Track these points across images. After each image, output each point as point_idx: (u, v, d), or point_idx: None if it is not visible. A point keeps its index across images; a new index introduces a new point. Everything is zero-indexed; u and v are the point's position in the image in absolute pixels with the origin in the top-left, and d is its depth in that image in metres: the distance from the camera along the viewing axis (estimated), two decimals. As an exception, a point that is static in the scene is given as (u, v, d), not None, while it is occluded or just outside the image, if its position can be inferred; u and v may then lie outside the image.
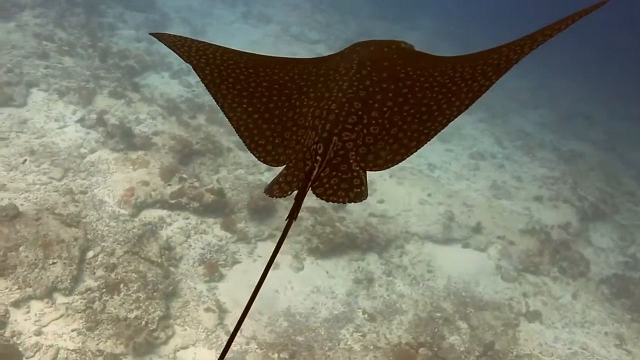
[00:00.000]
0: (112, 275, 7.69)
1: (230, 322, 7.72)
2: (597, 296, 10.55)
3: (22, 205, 8.23)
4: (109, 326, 7.02)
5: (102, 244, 8.16)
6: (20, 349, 6.71)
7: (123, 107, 11.53)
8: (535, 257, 10.96)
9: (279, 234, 9.27)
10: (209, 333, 7.47)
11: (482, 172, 14.14)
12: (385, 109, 2.45)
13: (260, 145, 2.54)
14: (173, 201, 9.28)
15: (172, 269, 8.22)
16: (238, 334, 7.36)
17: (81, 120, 10.75)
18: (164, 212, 9.18)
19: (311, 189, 2.25)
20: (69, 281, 7.45)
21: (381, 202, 11.40)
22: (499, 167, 14.66)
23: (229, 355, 7.18)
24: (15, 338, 6.81)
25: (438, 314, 9.06)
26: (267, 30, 20.60)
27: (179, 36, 3.05)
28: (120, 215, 8.77)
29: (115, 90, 11.95)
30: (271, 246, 9.10)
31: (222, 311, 7.85)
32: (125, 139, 10.17)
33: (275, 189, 2.35)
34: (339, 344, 8.01)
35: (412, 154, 2.33)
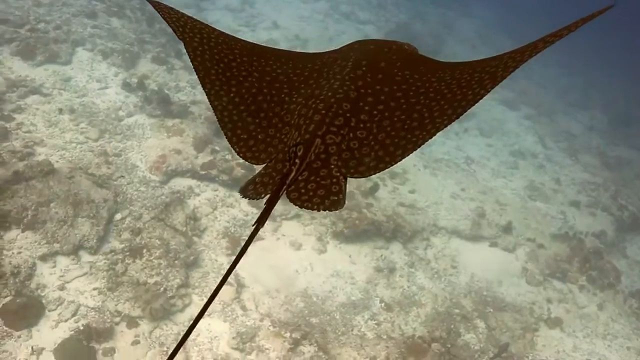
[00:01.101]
0: (137, 239, 7.89)
1: (247, 298, 7.86)
2: (624, 310, 10.29)
3: (57, 162, 8.48)
4: (128, 289, 7.23)
5: (130, 207, 8.36)
6: (44, 301, 6.99)
7: (164, 74, 11.69)
8: (564, 264, 10.74)
9: (305, 214, 9.36)
10: (225, 306, 7.61)
11: (520, 171, 13.85)
12: (375, 112, 2.34)
13: (242, 140, 2.43)
14: (203, 172, 9.42)
15: (195, 239, 8.38)
16: (253, 308, 7.50)
17: (122, 83, 10.95)
18: (193, 182, 9.33)
19: (285, 193, 2.14)
20: (95, 241, 7.68)
21: (412, 192, 11.31)
22: (539, 168, 14.33)
23: (241, 329, 7.33)
24: (39, 290, 7.09)
25: (456, 311, 9.00)
26: (316, 6, 20.43)
27: (176, 10, 2.91)
28: (151, 181, 8.96)
29: (159, 55, 12.11)
30: (296, 226, 9.22)
31: (240, 285, 7.98)
32: (162, 105, 10.33)
33: (250, 190, 2.25)
34: (352, 330, 8.06)
35: (396, 163, 2.21)
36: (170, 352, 6.59)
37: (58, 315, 6.88)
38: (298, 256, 8.92)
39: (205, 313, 6.28)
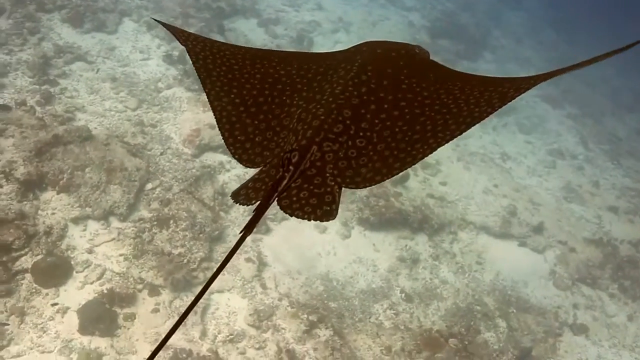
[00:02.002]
0: (165, 210, 8.04)
1: (268, 276, 7.93)
2: (655, 323, 9.98)
3: (95, 128, 8.68)
4: (153, 258, 7.39)
5: (162, 178, 8.51)
6: (72, 262, 7.21)
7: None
8: (595, 269, 10.45)
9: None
10: (245, 282, 7.71)
11: (557, 171, 13.48)
12: (377, 121, 2.24)
13: (239, 141, 2.36)
14: (235, 149, 9.47)
15: (222, 214, 8.48)
16: (273, 287, 7.58)
17: (164, 56, 11.10)
18: (224, 158, 9.42)
19: (277, 200, 2.07)
20: (125, 208, 7.86)
21: (443, 184, 11.16)
22: (578, 169, 13.92)
23: (259, 306, 7.42)
24: (69, 252, 7.31)
25: (478, 307, 8.89)
26: (363, -10, 20.19)
27: (183, 30, 2.92)
28: (183, 154, 9.08)
29: (202, 30, 12.19)
30: (322, 209, 9.20)
31: (261, 264, 8.06)
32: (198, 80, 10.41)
33: (242, 194, 2.19)
34: (370, 318, 8.06)
35: (392, 176, 2.12)
36: (189, 322, 6.73)
37: (84, 277, 7.10)
38: (322, 239, 8.95)
39: (226, 288, 6.41)
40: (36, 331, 6.48)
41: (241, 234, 1.93)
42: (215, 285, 7.36)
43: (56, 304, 6.75)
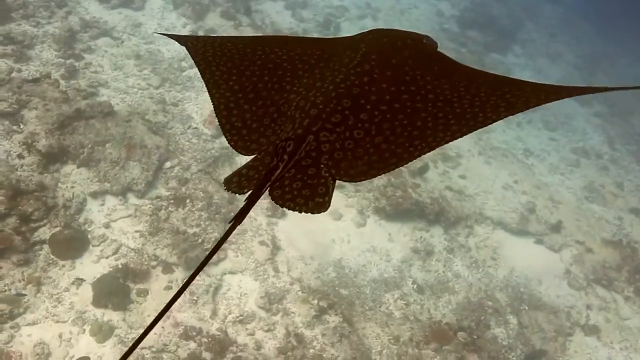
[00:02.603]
0: (183, 189, 8.12)
1: (280, 260, 7.99)
2: (670, 328, 9.87)
3: (117, 105, 8.77)
4: (168, 235, 7.49)
5: (180, 157, 8.59)
6: (89, 236, 7.35)
7: (230, 30, 11.78)
8: (611, 271, 10.33)
9: (349, 186, 9.36)
10: (258, 265, 7.78)
11: (580, 170, 13.30)
12: (377, 112, 2.17)
13: (235, 128, 2.31)
14: (255, 131, 9.51)
15: (238, 196, 8.52)
16: (285, 271, 7.63)
17: (189, 34, 11.12)
18: (244, 140, 9.45)
19: (268, 190, 2.03)
20: (143, 185, 7.96)
21: (462, 177, 11.08)
22: (602, 169, 13.70)
23: (271, 289, 7.49)
24: (86, 225, 7.44)
25: (489, 303, 8.87)
26: (394, -24, 19.96)
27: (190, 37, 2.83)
28: (203, 134, 9.15)
29: (228, 11, 12.18)
30: (339, 196, 9.24)
31: (275, 247, 8.11)
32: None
33: (234, 182, 2.14)
34: (380, 307, 8.09)
35: (388, 171, 2.07)
36: (200, 301, 6.83)
37: (100, 252, 7.23)
38: (337, 226, 8.97)
39: (239, 269, 6.42)
40: (51, 301, 6.64)
41: (231, 224, 1.87)
42: (228, 266, 7.49)
43: (82, 279, 6.89)
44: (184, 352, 6.50)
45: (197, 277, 7.15)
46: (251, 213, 7.45)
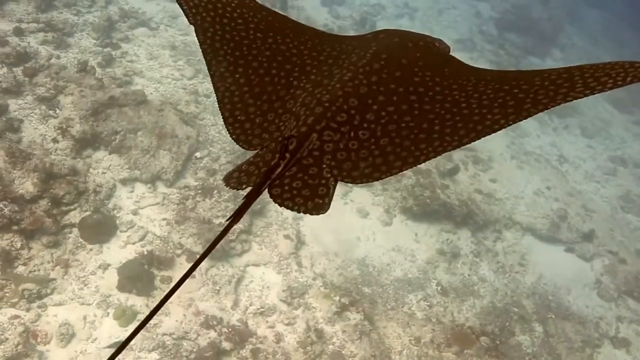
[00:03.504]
0: (211, 179, 8.17)
1: (304, 255, 7.98)
2: None
3: (150, 94, 8.88)
4: (193, 225, 7.55)
5: (210, 148, 8.65)
6: (117, 222, 7.46)
7: (266, 24, 11.81)
8: (644, 284, 10.05)
9: (378, 185, 9.29)
10: (281, 259, 7.78)
11: (617, 179, 12.95)
12: (383, 113, 2.11)
13: (238, 121, 2.24)
14: (285, 126, 9.53)
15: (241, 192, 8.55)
16: (308, 266, 7.61)
17: (224, 28, 11.21)
18: (273, 134, 9.48)
19: (267, 188, 1.98)
20: (172, 174, 8.04)
21: (493, 181, 10.91)
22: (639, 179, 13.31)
23: (293, 284, 7.49)
24: (115, 211, 7.56)
25: (515, 309, 8.70)
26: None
27: None
28: (233, 126, 9.18)
29: (263, 4, 12.19)
30: (366, 194, 9.20)
31: (299, 242, 8.11)
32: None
33: (233, 178, 2.09)
34: (402, 307, 8.01)
35: (391, 175, 2.00)
36: (222, 291, 6.87)
37: (127, 237, 7.33)
38: (362, 224, 8.92)
39: (262, 262, 6.42)
40: (78, 283, 6.76)
41: (228, 222, 1.83)
42: (251, 258, 7.52)
43: (108, 264, 7.01)
44: (204, 340, 6.55)
45: (220, 267, 7.24)
46: (277, 206, 7.44)
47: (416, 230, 9.28)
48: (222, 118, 2.28)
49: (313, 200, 1.96)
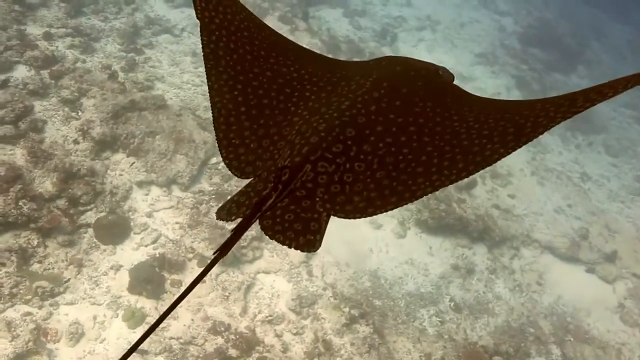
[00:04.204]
0: (225, 185, 8.21)
1: (316, 264, 7.93)
2: None
3: (170, 99, 8.99)
4: (206, 230, 7.57)
5: (227, 154, 8.68)
6: (132, 224, 7.53)
7: (286, 33, 11.87)
8: (669, 310, 9.72)
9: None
10: (292, 267, 7.75)
11: (643, 200, 12.62)
12: (381, 145, 2.03)
13: (232, 145, 2.16)
14: (303, 135, 9.54)
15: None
16: (319, 276, 7.57)
17: (247, 36, 11.30)
18: (291, 143, 9.49)
19: (258, 219, 1.90)
20: (187, 178, 8.10)
21: (512, 196, 10.73)
22: (666, 201, 12.95)
23: (303, 293, 7.44)
24: (130, 213, 7.63)
25: (531, 330, 8.51)
26: (457, -11, 19.67)
27: None
28: (251, 134, 9.23)
29: (285, 15, 12.31)
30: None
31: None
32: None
33: (224, 209, 2.02)
34: (413, 322, 7.91)
35: (387, 211, 1.92)
36: (231, 297, 6.86)
37: (140, 239, 7.39)
38: (376, 236, 8.84)
39: (273, 270, 6.38)
40: (90, 283, 6.82)
41: (215, 255, 1.76)
42: (262, 265, 7.51)
43: (120, 265, 7.07)
44: (211, 346, 6.54)
45: (231, 273, 7.24)
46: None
47: (430, 243, 9.17)
48: (216, 139, 2.21)
49: (305, 235, 1.89)
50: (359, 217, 1.93)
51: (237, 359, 6.56)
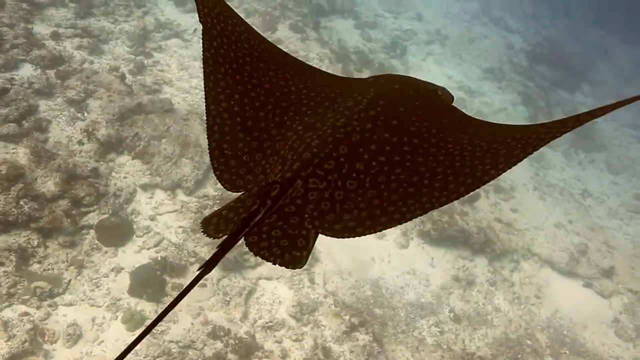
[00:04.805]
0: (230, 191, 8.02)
1: (318, 272, 7.76)
2: None
3: (178, 103, 8.83)
4: (209, 234, 7.39)
5: (232, 160, 8.53)
6: (135, 226, 7.35)
7: (297, 42, 11.77)
8: (665, 326, 9.54)
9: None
10: (294, 274, 7.57)
11: (642, 218, 12.45)
12: (374, 163, 1.95)
13: (225, 156, 2.08)
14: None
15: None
16: (321, 283, 7.38)
17: (255, 43, 11.18)
18: (295, 149, 9.34)
19: (244, 236, 1.82)
20: (192, 183, 7.93)
21: (514, 211, 10.57)
22: (665, 219, 12.78)
23: (304, 300, 7.27)
24: (133, 216, 7.46)
25: (528, 342, 8.34)
26: (467, 6, 19.53)
27: None
28: (256, 140, 9.08)
29: (297, 24, 12.19)
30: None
31: (314, 258, 7.90)
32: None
33: (211, 224, 1.94)
34: (413, 331, 7.72)
35: (375, 232, 1.83)
36: (232, 302, 6.68)
37: (143, 242, 7.22)
38: (378, 245, 8.67)
39: (274, 276, 6.21)
40: (90, 285, 6.64)
41: (199, 271, 1.70)
42: (264, 271, 7.33)
43: (121, 267, 6.89)
44: (210, 350, 6.35)
45: (232, 279, 7.06)
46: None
47: (432, 254, 8.99)
48: (209, 149, 2.11)
49: (291, 252, 1.80)
50: (347, 237, 1.84)
51: (235, 365, 6.39)
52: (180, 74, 9.68)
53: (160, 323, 5.63)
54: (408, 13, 17.18)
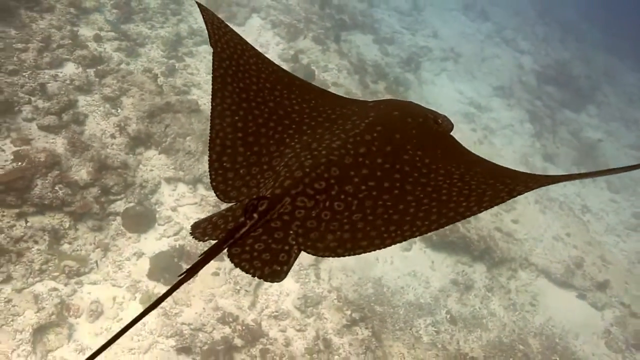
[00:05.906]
0: (246, 187, 8.17)
1: (323, 268, 7.84)
2: None
3: (204, 104, 8.99)
4: (224, 226, 7.53)
5: (250, 159, 8.67)
6: (157, 216, 7.52)
7: (318, 53, 11.90)
8: (654, 340, 9.42)
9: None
10: (301, 269, 7.67)
11: (638, 235, 12.30)
12: (363, 187, 1.92)
13: (223, 168, 2.08)
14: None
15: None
16: (326, 279, 7.45)
17: (280, 52, 11.32)
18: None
19: (228, 247, 1.81)
20: (212, 178, 8.06)
21: (515, 221, 10.53)
22: (661, 238, 12.61)
23: (309, 293, 7.35)
24: (156, 206, 7.63)
25: (521, 347, 8.31)
26: (482, 27, 19.53)
27: (222, 20, 2.53)
28: (274, 142, 9.21)
29: (319, 36, 12.32)
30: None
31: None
32: (305, 79, 10.54)
33: (200, 228, 1.94)
34: (410, 329, 7.76)
35: (354, 255, 1.81)
36: (242, 291, 6.79)
37: (163, 231, 7.38)
38: (383, 246, 8.72)
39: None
40: (113, 267, 6.82)
41: (180, 277, 1.66)
42: (274, 264, 7.38)
43: (143, 252, 7.05)
44: (218, 334, 6.47)
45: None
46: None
47: (434, 258, 9.02)
48: (208, 159, 2.12)
49: (271, 266, 1.77)
50: (328, 256, 1.82)
51: (241, 349, 6.49)
52: (208, 78, 9.85)
53: (174, 306, 5.75)
54: (425, 31, 17.21)
